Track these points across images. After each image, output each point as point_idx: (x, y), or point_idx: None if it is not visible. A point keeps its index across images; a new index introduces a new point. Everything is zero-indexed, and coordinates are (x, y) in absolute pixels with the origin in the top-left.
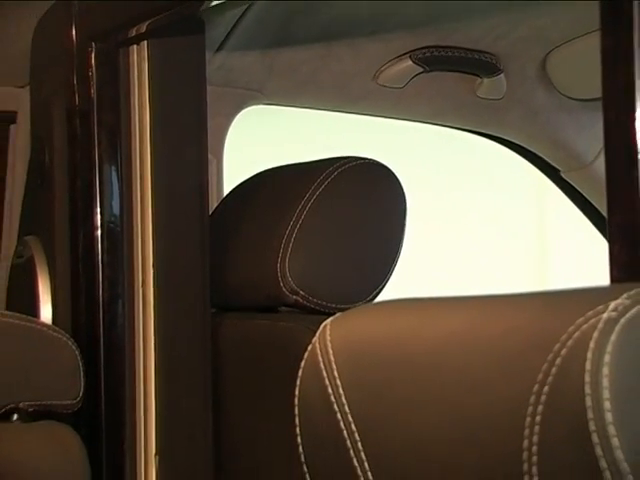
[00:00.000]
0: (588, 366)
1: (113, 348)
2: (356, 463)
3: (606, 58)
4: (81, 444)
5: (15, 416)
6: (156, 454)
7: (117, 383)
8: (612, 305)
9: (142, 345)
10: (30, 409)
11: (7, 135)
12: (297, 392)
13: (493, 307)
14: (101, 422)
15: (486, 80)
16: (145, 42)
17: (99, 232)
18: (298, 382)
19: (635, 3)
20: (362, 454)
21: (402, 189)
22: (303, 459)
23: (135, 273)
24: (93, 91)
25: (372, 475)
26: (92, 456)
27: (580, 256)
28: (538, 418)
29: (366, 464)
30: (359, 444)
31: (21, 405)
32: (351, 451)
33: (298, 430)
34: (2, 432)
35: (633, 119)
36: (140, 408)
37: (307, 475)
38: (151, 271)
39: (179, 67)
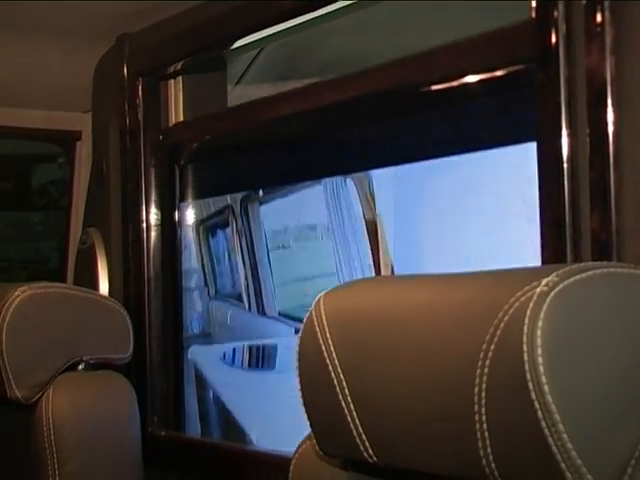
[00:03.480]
0: (525, 330)
1: (156, 314)
2: (344, 404)
3: (539, 88)
4: (131, 388)
5: (80, 366)
6: None
7: (159, 341)
8: (544, 281)
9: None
10: (92, 361)
11: (74, 149)
12: (297, 350)
13: (454, 283)
14: (147, 371)
15: None
16: (180, 77)
17: (144, 224)
18: (298, 342)
19: (561, 43)
20: (349, 398)
21: None
22: (302, 402)
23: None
24: (140, 115)
25: (356, 414)
26: (140, 398)
27: None
28: (486, 370)
29: (352, 405)
30: (346, 390)
31: (85, 358)
32: (340, 395)
33: (298, 380)
34: (70, 379)
35: (560, 137)
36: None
37: (306, 414)
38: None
39: (206, 96)
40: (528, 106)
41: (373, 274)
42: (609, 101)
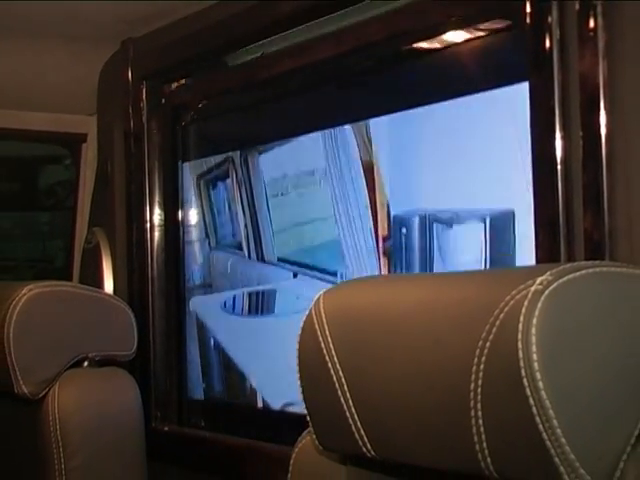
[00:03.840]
0: (520, 327)
1: (159, 312)
2: (343, 401)
3: (533, 91)
4: (135, 385)
5: (86, 363)
6: None
7: (162, 338)
8: (538, 280)
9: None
10: (97, 358)
11: (80, 151)
12: (297, 347)
13: (450, 282)
14: (150, 368)
15: None
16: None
17: (148, 224)
18: (298, 340)
19: (555, 48)
20: (347, 394)
21: None
22: (302, 398)
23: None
24: (144, 117)
25: (355, 410)
26: (143, 394)
27: None
28: (482, 366)
29: (350, 401)
30: (345, 387)
31: (90, 355)
32: (339, 392)
33: (298, 375)
34: (76, 375)
35: (554, 139)
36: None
37: (306, 408)
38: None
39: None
40: (517, 46)
41: (369, 214)
42: (602, 104)
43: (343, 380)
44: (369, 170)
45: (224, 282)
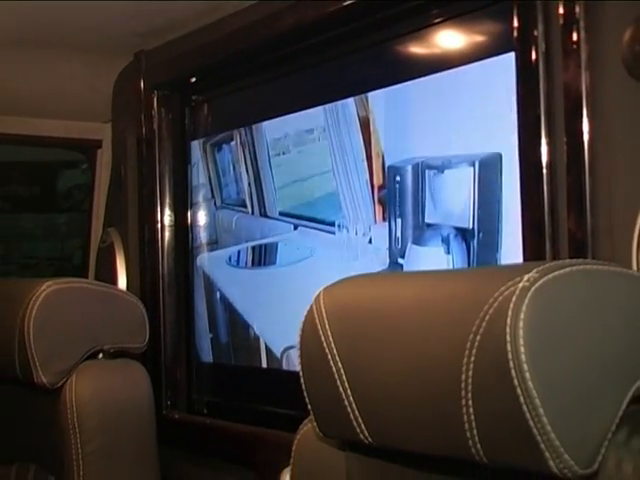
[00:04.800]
0: (508, 322)
1: (169, 307)
2: (342, 390)
3: (521, 101)
4: (147, 375)
5: (100, 355)
6: None
7: (172, 331)
8: (526, 277)
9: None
10: (111, 350)
11: (96, 156)
12: (299, 340)
13: (442, 279)
14: (161, 360)
15: None
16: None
17: (159, 225)
18: (300, 333)
19: (541, 60)
20: (346, 384)
21: None
22: (304, 386)
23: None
24: (155, 125)
25: (353, 399)
26: (154, 383)
27: None
28: (472, 359)
29: (349, 391)
30: (344, 377)
31: (105, 347)
32: (338, 382)
33: (300, 367)
34: (92, 366)
35: (539, 145)
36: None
37: (306, 399)
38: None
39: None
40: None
41: (365, 166)
42: (584, 112)
43: (342, 371)
44: (365, 125)
45: (229, 238)
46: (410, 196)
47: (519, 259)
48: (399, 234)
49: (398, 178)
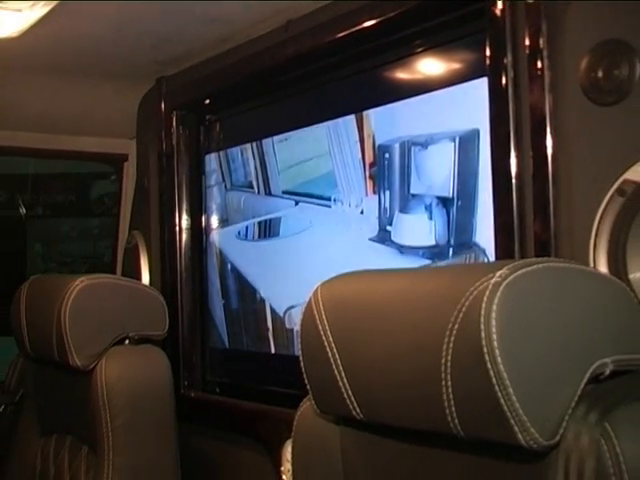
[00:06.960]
0: (482, 312)
1: (187, 299)
2: (336, 373)
3: (493, 120)
4: (166, 359)
5: (127, 341)
6: None
7: (189, 321)
8: (497, 274)
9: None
10: (135, 337)
11: (123, 168)
12: (300, 330)
13: (425, 275)
14: (179, 345)
15: None
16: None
17: (177, 228)
18: (300, 323)
19: (510, 84)
20: (340, 367)
21: None
22: (303, 369)
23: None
24: (174, 141)
25: (347, 380)
26: (173, 366)
27: None
28: (451, 345)
29: (343, 373)
30: (338, 361)
31: (130, 335)
32: (333, 366)
33: (300, 352)
34: (119, 351)
35: (509, 159)
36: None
37: (306, 379)
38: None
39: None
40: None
41: (358, 147)
42: (548, 130)
43: (337, 356)
44: (359, 117)
45: (238, 216)
46: (397, 170)
47: (491, 223)
48: (387, 205)
49: (387, 155)
